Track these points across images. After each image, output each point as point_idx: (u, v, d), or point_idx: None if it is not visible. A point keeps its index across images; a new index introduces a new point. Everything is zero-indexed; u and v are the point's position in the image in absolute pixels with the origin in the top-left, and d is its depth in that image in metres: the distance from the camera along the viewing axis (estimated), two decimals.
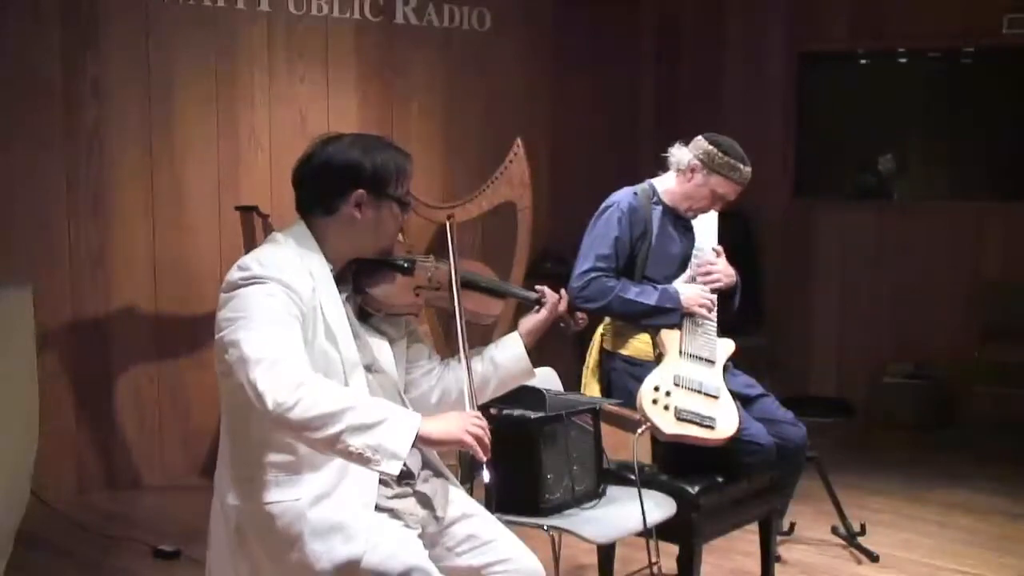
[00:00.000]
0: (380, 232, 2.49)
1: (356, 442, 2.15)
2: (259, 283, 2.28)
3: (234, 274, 2.32)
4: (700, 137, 3.71)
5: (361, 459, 2.17)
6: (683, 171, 3.72)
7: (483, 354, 2.64)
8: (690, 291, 3.69)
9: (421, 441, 2.22)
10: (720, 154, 3.63)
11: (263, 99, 5.42)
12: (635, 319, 3.67)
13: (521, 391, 3.02)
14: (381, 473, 2.21)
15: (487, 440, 2.27)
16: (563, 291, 2.71)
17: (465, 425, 2.26)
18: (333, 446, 2.17)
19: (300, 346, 2.27)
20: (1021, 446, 5.70)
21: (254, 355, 2.17)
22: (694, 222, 3.83)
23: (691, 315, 3.64)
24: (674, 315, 3.64)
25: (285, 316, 2.26)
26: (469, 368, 2.49)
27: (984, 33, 6.22)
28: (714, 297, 3.71)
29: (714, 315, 3.68)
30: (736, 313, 3.84)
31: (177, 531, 4.38)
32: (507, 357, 2.63)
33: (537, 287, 2.71)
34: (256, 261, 2.34)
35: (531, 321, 2.67)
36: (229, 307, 2.27)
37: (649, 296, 3.64)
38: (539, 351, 2.70)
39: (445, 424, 2.27)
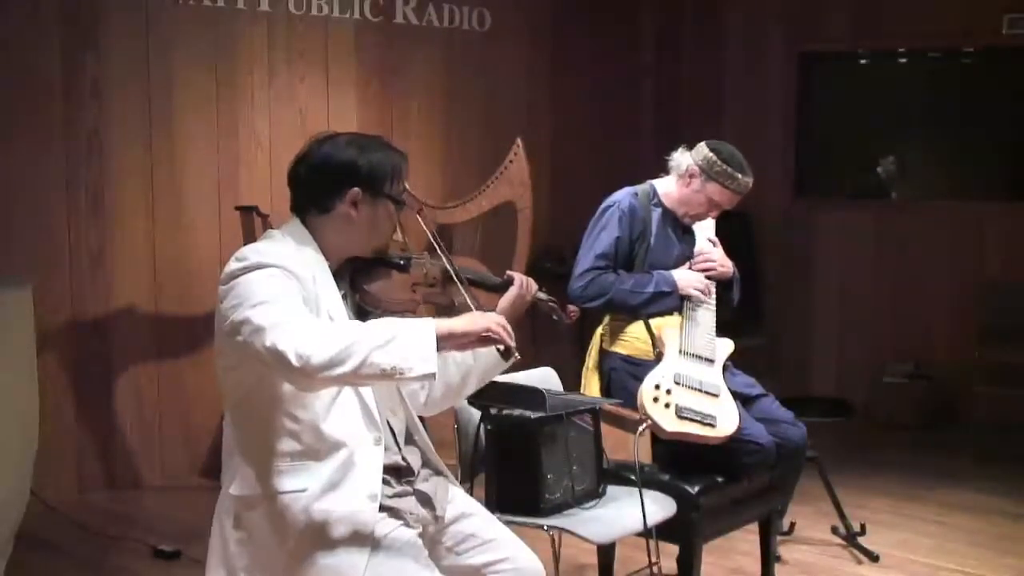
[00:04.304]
0: (375, 231, 2.49)
1: (384, 359, 2.15)
2: (258, 269, 2.29)
3: (232, 265, 2.32)
4: (702, 143, 3.71)
5: (395, 372, 2.16)
6: (682, 176, 3.73)
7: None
8: (686, 274, 3.71)
9: (446, 339, 2.23)
10: (719, 162, 3.64)
11: (263, 99, 5.42)
12: (637, 309, 3.68)
13: (521, 391, 3.03)
14: (419, 378, 2.20)
15: (509, 328, 2.31)
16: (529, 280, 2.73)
17: (490, 316, 2.31)
18: (363, 371, 2.15)
19: (306, 310, 2.27)
20: (1021, 446, 5.70)
21: (267, 322, 2.17)
22: (693, 225, 3.84)
23: (690, 300, 3.65)
24: (673, 298, 3.67)
25: (286, 291, 2.27)
26: (469, 288, 2.51)
27: (984, 33, 6.22)
28: (711, 283, 3.72)
29: (713, 311, 3.68)
30: (736, 308, 3.85)
31: (177, 531, 4.39)
32: None
33: (507, 272, 2.73)
34: (254, 251, 2.35)
35: (504, 300, 2.68)
36: (231, 296, 2.27)
37: (647, 283, 3.67)
38: (539, 351, 2.70)
39: (467, 319, 2.29)
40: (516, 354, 2.36)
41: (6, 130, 4.73)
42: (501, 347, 2.34)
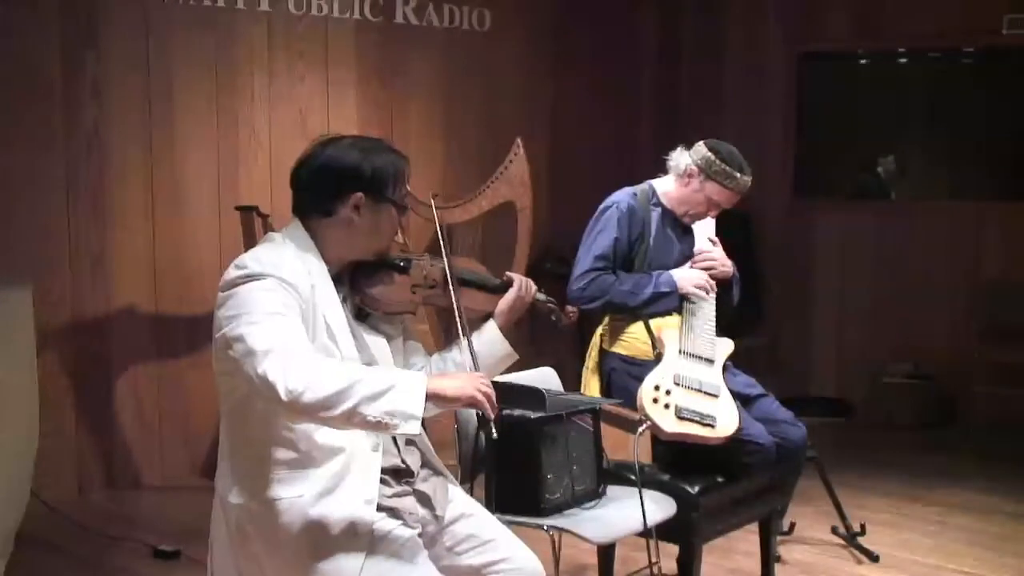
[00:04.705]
0: (377, 235, 2.49)
1: (372, 411, 2.17)
2: (257, 279, 2.28)
3: (231, 272, 2.32)
4: (701, 142, 3.71)
5: (380, 426, 2.19)
6: (681, 175, 3.73)
7: (462, 345, 2.63)
8: (686, 273, 3.71)
9: (434, 399, 2.25)
10: (718, 161, 3.64)
11: (263, 99, 5.42)
12: (636, 309, 3.68)
13: (521, 391, 3.03)
14: (402, 435, 2.22)
15: (494, 398, 2.32)
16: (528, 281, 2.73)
17: (475, 383, 2.31)
18: (351, 420, 2.18)
19: (303, 334, 2.27)
20: (1021, 446, 5.70)
21: (260, 347, 2.18)
22: (693, 225, 3.84)
23: (690, 299, 3.65)
24: (672, 298, 3.68)
25: (285, 308, 2.27)
26: (467, 332, 2.50)
27: (984, 33, 6.22)
28: (712, 282, 3.72)
29: (713, 311, 3.68)
30: (736, 308, 3.85)
31: (177, 531, 4.38)
32: (485, 341, 2.63)
33: (506, 274, 2.73)
34: (253, 259, 2.34)
35: (503, 302, 2.68)
36: (228, 305, 2.27)
37: (646, 284, 3.67)
38: (539, 351, 2.71)
39: (456, 382, 2.30)
40: (494, 431, 2.34)
41: (6, 130, 4.72)
42: (479, 413, 2.35)
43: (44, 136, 4.83)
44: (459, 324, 2.51)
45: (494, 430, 2.35)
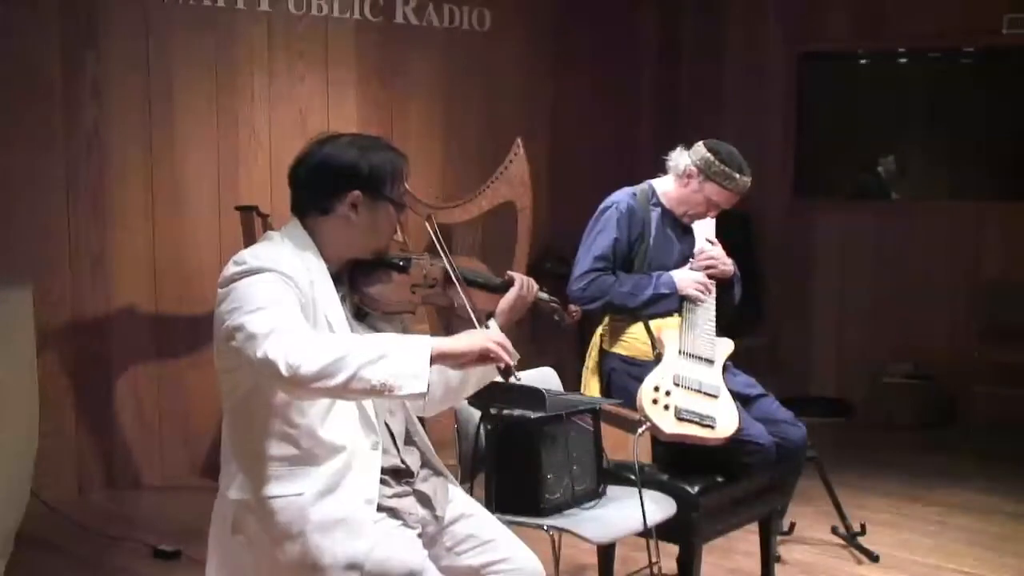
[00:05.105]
0: (375, 233, 2.49)
1: (374, 374, 2.14)
2: (256, 273, 2.28)
3: (230, 269, 2.32)
4: (700, 143, 3.71)
5: (384, 388, 2.15)
6: (680, 176, 3.73)
7: None
8: (686, 274, 3.71)
9: (442, 359, 2.22)
10: (717, 162, 3.64)
11: (263, 99, 5.42)
12: (636, 311, 3.68)
13: (521, 391, 3.03)
14: (408, 397, 2.20)
15: (509, 346, 2.30)
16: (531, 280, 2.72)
17: (489, 335, 2.29)
18: (352, 386, 2.15)
19: (302, 318, 2.27)
20: (1021, 446, 5.70)
21: (260, 330, 2.17)
22: (693, 225, 3.84)
23: (689, 300, 3.66)
24: (672, 300, 3.68)
25: (284, 298, 2.27)
26: (483, 322, 2.49)
27: (984, 33, 6.22)
28: (711, 282, 3.72)
29: (713, 311, 3.68)
30: (737, 307, 3.85)
31: (177, 531, 4.38)
32: None
33: (508, 272, 2.72)
34: (252, 255, 2.34)
35: (504, 301, 2.66)
36: (228, 300, 2.27)
37: (646, 286, 3.67)
38: (539, 351, 2.70)
39: (465, 338, 2.28)
40: (516, 374, 2.32)
41: (6, 130, 4.72)
42: (501, 366, 2.31)
43: (44, 136, 4.83)
44: (472, 318, 2.49)
45: (515, 373, 2.32)
